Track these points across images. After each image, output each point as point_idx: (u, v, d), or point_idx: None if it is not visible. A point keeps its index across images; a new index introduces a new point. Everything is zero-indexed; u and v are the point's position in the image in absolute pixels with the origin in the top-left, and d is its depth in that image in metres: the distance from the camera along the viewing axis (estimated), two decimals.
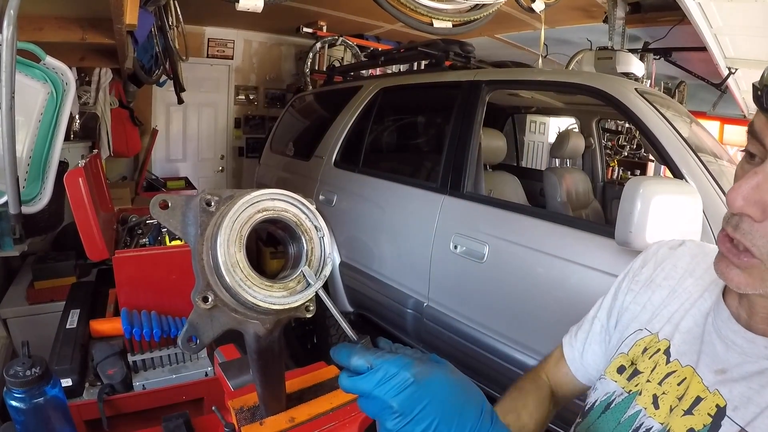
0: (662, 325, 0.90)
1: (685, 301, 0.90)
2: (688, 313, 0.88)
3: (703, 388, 0.77)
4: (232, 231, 0.70)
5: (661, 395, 0.82)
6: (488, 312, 2.78)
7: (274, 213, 0.75)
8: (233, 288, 0.69)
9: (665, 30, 5.19)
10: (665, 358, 0.85)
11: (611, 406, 0.89)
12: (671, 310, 0.91)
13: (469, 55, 3.79)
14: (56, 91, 1.97)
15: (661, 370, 0.85)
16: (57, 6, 2.19)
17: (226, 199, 0.73)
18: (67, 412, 1.36)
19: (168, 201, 0.73)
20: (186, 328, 0.69)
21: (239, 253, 0.70)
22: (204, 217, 0.73)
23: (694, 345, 0.83)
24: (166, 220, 0.73)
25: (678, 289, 0.93)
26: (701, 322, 0.85)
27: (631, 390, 0.87)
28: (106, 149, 4.27)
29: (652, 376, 0.85)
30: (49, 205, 2.04)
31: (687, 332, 0.86)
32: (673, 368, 0.83)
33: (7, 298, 3.06)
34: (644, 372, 0.87)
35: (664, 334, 0.89)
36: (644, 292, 0.98)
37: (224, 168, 7.65)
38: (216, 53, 6.96)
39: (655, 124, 2.41)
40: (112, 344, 2.03)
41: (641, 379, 0.87)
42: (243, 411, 1.08)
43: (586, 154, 4.75)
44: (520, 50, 7.07)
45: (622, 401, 0.87)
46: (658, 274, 0.98)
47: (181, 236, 0.74)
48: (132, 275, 2.14)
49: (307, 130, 5.19)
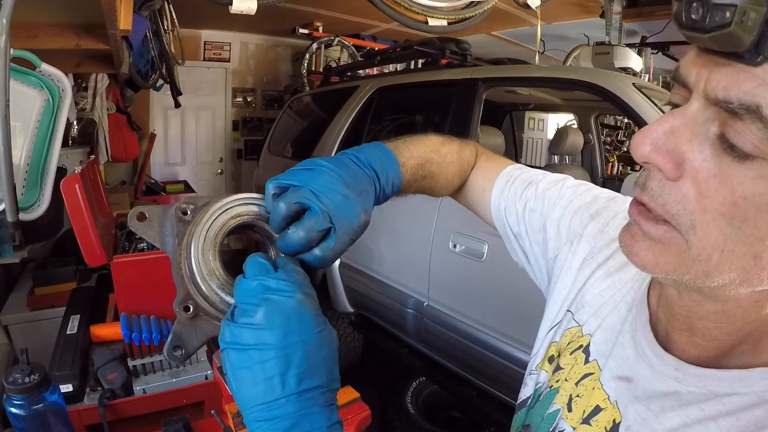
0: (588, 317, 0.79)
1: (616, 293, 0.78)
2: (616, 307, 0.76)
3: (604, 396, 0.69)
4: (206, 239, 0.70)
5: (575, 398, 0.73)
6: (488, 310, 2.78)
7: (248, 218, 0.74)
8: (210, 297, 0.69)
9: (662, 24, 5.17)
10: (584, 357, 0.76)
11: (540, 397, 0.81)
12: (601, 300, 0.79)
13: (466, 53, 3.79)
14: (53, 97, 1.98)
15: (578, 369, 0.76)
16: (51, 13, 2.19)
17: (201, 207, 0.72)
18: (67, 418, 1.36)
19: (145, 212, 0.72)
20: (171, 338, 0.69)
21: (215, 261, 0.70)
22: (180, 226, 0.72)
23: (611, 345, 0.73)
24: (144, 231, 0.72)
25: (615, 275, 0.80)
26: (623, 319, 0.74)
27: (553, 385, 0.79)
28: (104, 154, 4.27)
29: (569, 375, 0.77)
30: (48, 211, 2.04)
31: (609, 329, 0.75)
32: (591, 370, 0.74)
33: (8, 305, 3.06)
34: (565, 368, 0.78)
35: (588, 328, 0.78)
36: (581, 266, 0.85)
37: (223, 171, 7.65)
38: (213, 56, 6.96)
39: (654, 118, 2.41)
40: (112, 349, 2.03)
41: (561, 376, 0.78)
42: (239, 415, 1.08)
43: (585, 150, 4.76)
44: (517, 47, 7.06)
45: (546, 395, 0.80)
46: (601, 250, 0.84)
47: (159, 247, 0.73)
48: (131, 280, 2.13)
49: (305, 131, 5.19)
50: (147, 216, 0.72)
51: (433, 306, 3.10)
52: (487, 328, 2.76)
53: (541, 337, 0.91)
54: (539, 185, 0.99)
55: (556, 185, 0.98)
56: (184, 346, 0.71)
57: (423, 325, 3.18)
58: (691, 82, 0.51)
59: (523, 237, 1.00)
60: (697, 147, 0.50)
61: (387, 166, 0.82)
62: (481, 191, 1.06)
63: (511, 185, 1.02)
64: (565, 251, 0.89)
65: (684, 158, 0.51)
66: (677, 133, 0.51)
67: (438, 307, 3.07)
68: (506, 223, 1.02)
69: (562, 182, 0.99)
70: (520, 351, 2.59)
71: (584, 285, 0.82)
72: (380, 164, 0.80)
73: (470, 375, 3.05)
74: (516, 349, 2.62)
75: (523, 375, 0.92)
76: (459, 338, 2.92)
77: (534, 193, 0.98)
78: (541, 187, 0.98)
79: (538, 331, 0.93)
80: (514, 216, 1.00)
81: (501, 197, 1.02)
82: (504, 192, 1.02)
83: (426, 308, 3.14)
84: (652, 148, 0.51)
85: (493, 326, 2.74)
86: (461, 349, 2.93)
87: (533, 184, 1.00)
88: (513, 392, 2.78)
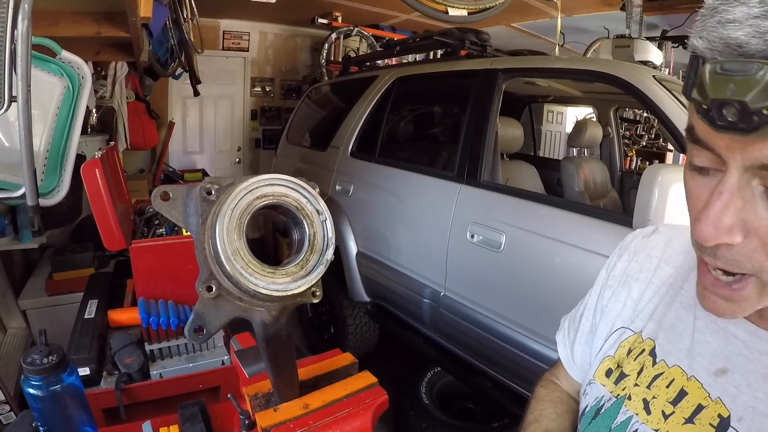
0: (645, 323, 0.84)
1: (665, 295, 0.83)
2: (670, 308, 0.81)
3: (705, 395, 0.70)
4: (231, 219, 0.69)
5: (651, 399, 0.76)
6: (505, 302, 2.77)
7: (273, 198, 0.74)
8: (234, 276, 0.68)
9: (683, 17, 5.12)
10: (651, 359, 0.79)
11: (601, 411, 0.83)
12: (652, 306, 0.84)
13: (485, 44, 3.76)
14: (72, 85, 1.99)
15: (648, 372, 0.78)
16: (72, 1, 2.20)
17: (226, 187, 0.72)
18: (84, 399, 1.37)
19: (169, 192, 0.72)
20: (192, 318, 0.69)
21: (239, 240, 0.70)
22: (205, 206, 0.72)
23: (681, 343, 0.76)
24: (168, 211, 0.72)
25: (655, 281, 0.87)
26: (685, 316, 0.78)
27: (619, 394, 0.81)
28: (123, 142, 4.30)
29: (639, 380, 0.79)
30: (67, 197, 2.06)
31: (671, 329, 0.79)
32: (660, 370, 0.77)
33: (27, 290, 3.10)
34: (630, 375, 0.81)
35: (648, 333, 0.82)
36: (621, 288, 0.92)
37: (241, 160, 7.66)
38: (231, 45, 6.96)
39: (674, 111, 2.38)
40: (129, 333, 2.05)
41: (628, 383, 0.81)
42: (257, 397, 1.08)
43: (604, 143, 4.72)
44: (537, 39, 7.01)
45: (612, 406, 0.81)
46: (633, 267, 0.92)
47: (183, 226, 0.73)
48: (149, 265, 2.15)
49: (323, 121, 5.19)
50: (171, 196, 0.72)
51: (450, 296, 3.09)
52: (504, 319, 2.75)
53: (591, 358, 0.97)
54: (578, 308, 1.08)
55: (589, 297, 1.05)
56: (206, 326, 0.72)
57: (439, 315, 3.17)
58: (722, 153, 0.55)
59: None
60: (751, 209, 0.55)
61: None
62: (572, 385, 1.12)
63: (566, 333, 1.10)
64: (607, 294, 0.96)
65: (744, 223, 0.56)
66: (731, 207, 0.55)
67: (454, 297, 3.06)
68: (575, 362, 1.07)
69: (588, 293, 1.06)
70: (536, 342, 2.58)
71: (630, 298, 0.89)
72: None
73: (485, 366, 3.04)
74: (532, 340, 2.60)
75: (537, 365, 0.97)
76: (475, 329, 2.91)
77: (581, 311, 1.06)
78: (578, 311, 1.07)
79: None
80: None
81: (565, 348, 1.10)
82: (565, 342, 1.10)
83: (442, 298, 3.13)
84: (718, 233, 0.56)
85: (510, 317, 2.73)
86: (477, 339, 2.92)
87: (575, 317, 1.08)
88: (528, 384, 2.78)
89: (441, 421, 3.36)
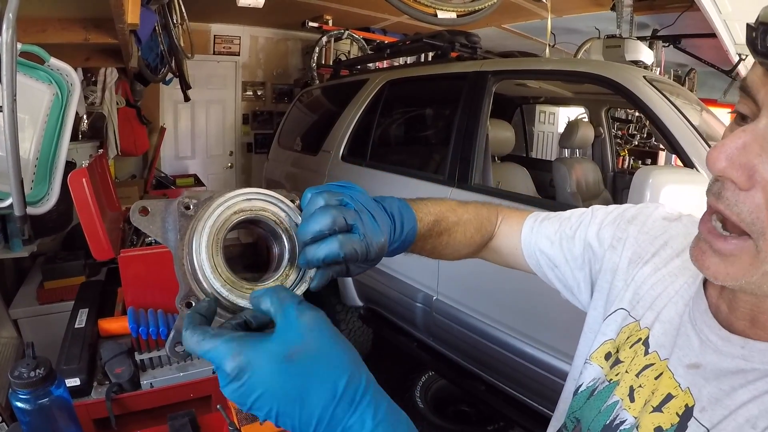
0: (644, 311, 0.84)
1: (668, 287, 0.83)
2: (671, 300, 0.81)
3: (675, 384, 0.71)
4: (209, 235, 0.69)
5: (637, 388, 0.77)
6: (497, 305, 2.77)
7: (251, 213, 0.73)
8: (212, 293, 0.68)
9: (674, 17, 5.15)
10: (644, 348, 0.80)
11: (595, 392, 0.84)
12: (654, 294, 0.84)
13: (475, 46, 3.77)
14: (61, 92, 1.98)
15: (639, 361, 0.79)
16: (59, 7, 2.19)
17: (204, 201, 0.71)
18: (73, 412, 1.36)
19: (148, 207, 0.71)
20: (173, 335, 0.68)
21: (217, 256, 0.69)
22: (183, 221, 0.70)
23: (671, 337, 0.77)
24: (146, 226, 0.71)
25: (663, 269, 0.86)
26: (681, 311, 0.79)
27: (612, 379, 0.82)
28: (113, 148, 4.27)
29: (630, 367, 0.80)
30: (58, 205, 2.04)
31: (668, 322, 0.79)
32: (651, 360, 0.78)
33: (18, 299, 3.08)
34: (624, 362, 0.82)
35: (645, 322, 0.83)
36: (630, 266, 0.91)
37: (233, 164, 7.66)
38: (222, 50, 6.96)
39: (665, 112, 2.39)
40: (120, 343, 2.03)
41: (621, 369, 0.82)
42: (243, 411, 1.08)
43: (596, 143, 4.73)
44: (528, 40, 7.02)
45: (604, 389, 0.82)
46: (646, 249, 0.90)
47: (162, 242, 0.72)
48: (138, 274, 2.14)
49: (314, 125, 5.19)
50: (149, 210, 0.71)
51: (442, 300, 3.09)
52: (496, 323, 2.75)
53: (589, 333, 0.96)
54: (570, 216, 1.07)
55: (585, 211, 1.06)
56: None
57: (432, 319, 3.17)
58: (760, 99, 0.55)
59: (561, 266, 1.04)
60: (765, 159, 0.54)
61: (405, 216, 0.88)
62: (509, 236, 1.12)
63: (540, 223, 1.09)
64: (609, 256, 0.95)
65: (755, 170, 0.55)
66: (748, 149, 0.55)
67: (447, 301, 3.06)
68: (539, 257, 1.07)
69: (590, 209, 1.07)
70: (528, 345, 2.58)
71: (634, 282, 0.88)
72: (399, 213, 0.86)
73: (479, 369, 3.04)
74: (524, 343, 2.60)
75: (530, 368, 0.96)
76: (468, 333, 2.91)
77: (568, 223, 1.06)
78: (574, 216, 1.07)
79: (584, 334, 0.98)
80: (549, 248, 1.05)
81: (531, 234, 1.08)
82: (533, 230, 1.08)
83: (435, 302, 3.13)
84: (727, 163, 0.56)
85: (502, 321, 2.73)
86: (470, 343, 2.92)
87: (562, 218, 1.08)
88: (521, 386, 2.78)
89: (436, 424, 3.36)
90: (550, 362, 2.52)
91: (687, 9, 4.75)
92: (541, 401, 2.69)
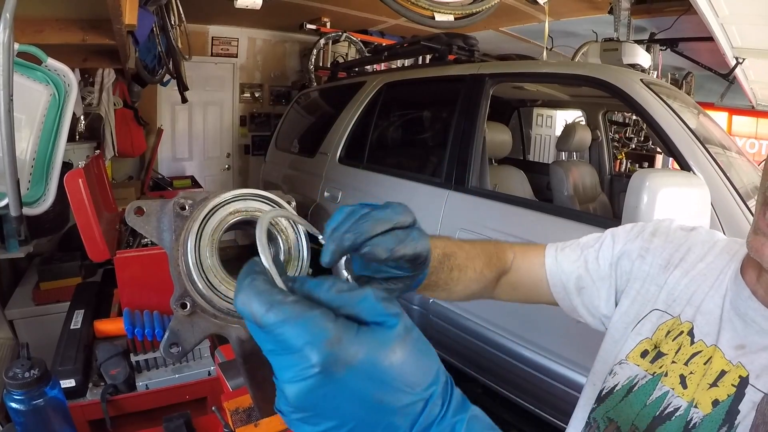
0: (683, 307, 0.91)
1: (701, 284, 0.91)
2: (707, 295, 0.89)
3: (726, 362, 0.79)
4: (204, 235, 0.68)
5: (688, 375, 0.83)
6: (494, 308, 2.76)
7: (246, 214, 0.73)
8: (207, 294, 0.67)
9: (671, 20, 5.15)
10: (689, 339, 0.86)
11: (634, 389, 0.88)
12: (689, 292, 0.91)
13: (473, 49, 3.77)
14: (58, 92, 1.97)
15: (686, 350, 0.85)
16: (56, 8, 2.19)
17: (199, 202, 0.71)
18: (67, 413, 1.36)
19: (143, 207, 0.71)
20: (167, 336, 0.68)
21: (212, 257, 0.68)
22: (178, 221, 0.70)
23: (716, 325, 0.85)
24: (141, 226, 0.71)
25: (692, 272, 0.93)
26: (720, 303, 0.86)
27: (656, 372, 0.87)
28: (110, 149, 4.27)
29: (677, 357, 0.86)
30: (54, 206, 2.04)
31: (709, 314, 0.87)
32: (699, 348, 0.84)
33: (14, 300, 3.07)
34: (668, 354, 0.87)
35: (686, 316, 0.89)
36: (661, 272, 0.98)
37: (230, 166, 7.64)
38: (220, 51, 6.95)
39: (662, 115, 2.39)
40: (115, 344, 2.03)
41: (666, 361, 0.87)
42: (239, 412, 1.07)
43: (593, 146, 4.73)
44: (526, 43, 7.03)
45: (647, 383, 0.87)
46: (674, 255, 0.98)
47: (157, 243, 0.72)
48: (134, 275, 2.13)
49: (311, 127, 5.19)
50: (145, 211, 0.71)
51: (439, 303, 3.08)
52: (493, 326, 2.75)
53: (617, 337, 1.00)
54: (588, 240, 1.12)
55: (604, 234, 1.11)
56: (181, 344, 0.70)
57: (429, 322, 3.17)
58: None
59: (589, 287, 1.08)
60: None
61: None
62: (530, 270, 1.13)
63: (561, 252, 1.12)
64: (639, 265, 1.01)
65: None
66: None
67: (443, 304, 3.05)
68: (566, 284, 1.10)
69: (608, 231, 1.12)
70: (525, 349, 2.58)
71: (667, 284, 0.95)
72: None
73: (475, 372, 3.04)
74: (521, 347, 2.60)
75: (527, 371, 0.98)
76: (465, 336, 2.91)
77: (588, 245, 1.10)
78: (592, 239, 1.12)
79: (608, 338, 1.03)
80: (575, 273, 1.09)
81: (555, 264, 1.11)
82: (558, 259, 1.11)
83: (431, 305, 3.12)
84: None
85: (498, 323, 2.73)
86: (466, 346, 2.92)
87: (580, 243, 1.13)
88: (518, 389, 2.78)
89: None
90: (548, 365, 2.51)
91: (684, 12, 4.76)
92: (538, 404, 2.69)
